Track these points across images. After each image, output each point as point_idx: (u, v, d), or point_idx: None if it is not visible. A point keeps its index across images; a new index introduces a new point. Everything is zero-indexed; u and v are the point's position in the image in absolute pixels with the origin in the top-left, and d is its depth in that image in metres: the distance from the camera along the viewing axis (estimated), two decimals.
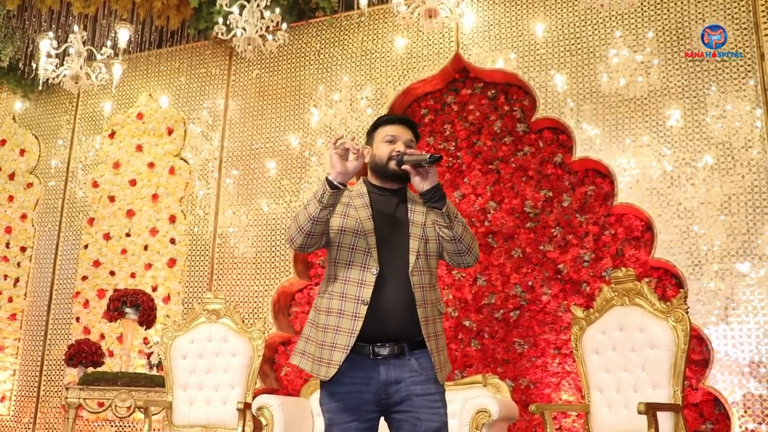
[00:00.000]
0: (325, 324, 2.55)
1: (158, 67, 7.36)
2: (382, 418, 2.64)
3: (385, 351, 2.52)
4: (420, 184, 2.59)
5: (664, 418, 4.19)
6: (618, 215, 5.64)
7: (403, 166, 2.60)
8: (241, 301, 6.40)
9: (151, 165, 7.05)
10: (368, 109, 6.41)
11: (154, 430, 5.42)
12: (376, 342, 2.52)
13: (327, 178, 2.55)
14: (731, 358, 4.98)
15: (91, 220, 7.15)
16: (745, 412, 4.87)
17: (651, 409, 3.92)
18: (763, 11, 5.42)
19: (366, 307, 2.50)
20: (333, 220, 2.62)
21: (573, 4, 5.95)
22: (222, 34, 5.87)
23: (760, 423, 4.83)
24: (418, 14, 5.40)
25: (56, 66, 6.33)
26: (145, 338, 6.53)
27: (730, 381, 4.95)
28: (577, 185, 5.83)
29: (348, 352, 2.49)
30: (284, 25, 6.00)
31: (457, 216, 2.62)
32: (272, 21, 5.79)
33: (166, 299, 6.63)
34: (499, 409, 4.45)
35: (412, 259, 2.58)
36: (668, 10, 5.68)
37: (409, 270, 2.56)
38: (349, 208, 2.67)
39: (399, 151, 2.66)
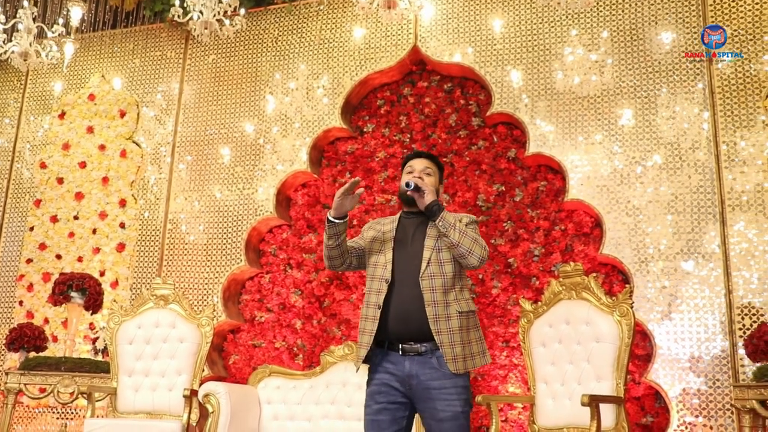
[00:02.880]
0: (361, 327, 3.09)
1: (112, 48, 7.23)
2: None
3: (409, 348, 2.99)
4: (419, 204, 3.09)
5: (607, 411, 4.28)
6: (568, 211, 5.73)
7: (408, 192, 3.08)
8: (190, 288, 6.34)
9: (102, 147, 6.92)
10: (325, 98, 6.39)
11: (97, 416, 5.35)
12: (405, 341, 3.00)
13: (328, 217, 3.08)
14: (673, 353, 5.10)
15: (37, 202, 6.99)
16: (684, 405, 4.99)
17: (594, 402, 3.99)
18: (712, 16, 5.54)
19: (379, 310, 3.01)
20: (367, 245, 3.22)
21: (531, 1, 6.00)
22: (178, 16, 5.78)
23: (697, 416, 4.96)
24: (377, 5, 5.40)
25: (3, 42, 6.17)
26: (91, 323, 6.42)
27: (671, 375, 5.07)
28: (530, 180, 5.90)
29: (368, 347, 3.00)
30: (242, 11, 5.94)
31: (454, 226, 3.02)
32: (230, 6, 5.72)
33: (114, 284, 6.53)
34: None
35: (423, 266, 3.03)
36: (623, 11, 5.78)
37: (420, 275, 3.02)
38: (380, 234, 3.22)
39: (407, 182, 3.10)
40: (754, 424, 4.04)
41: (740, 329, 4.97)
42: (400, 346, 3.00)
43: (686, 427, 4.96)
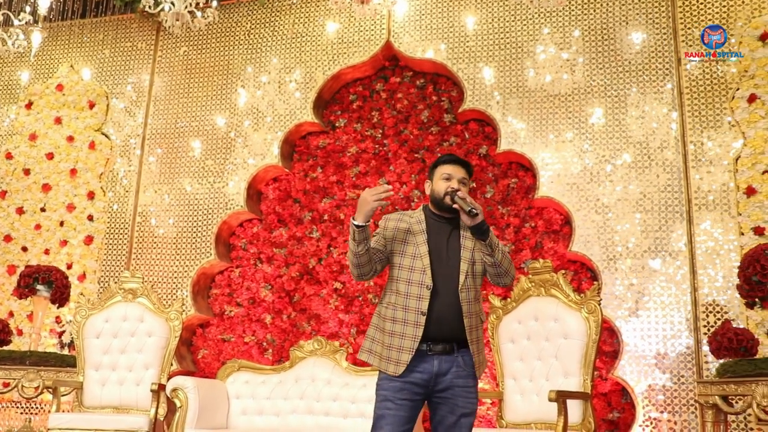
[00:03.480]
0: (391, 330, 3.09)
1: (81, 38, 7.13)
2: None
3: (438, 348, 3.07)
4: (467, 221, 3.08)
5: (574, 406, 4.33)
6: (539, 208, 5.77)
7: (454, 205, 3.09)
8: (159, 282, 6.29)
9: (71, 139, 6.83)
10: (297, 92, 6.37)
11: (62, 411, 5.29)
12: (433, 341, 3.06)
13: (353, 222, 3.02)
14: (639, 350, 5.17)
15: (3, 193, 6.88)
16: (650, 401, 5.06)
17: (561, 397, 4.03)
18: (681, 17, 5.61)
19: (425, 317, 3.04)
20: (395, 245, 3.18)
21: None
22: (149, 7, 5.73)
23: (662, 412, 5.03)
24: (351, 0, 5.39)
25: None
26: (57, 317, 6.35)
27: (638, 372, 5.14)
28: (501, 177, 5.93)
29: (413, 353, 3.04)
30: (214, 2, 5.89)
31: (498, 246, 3.12)
32: None
33: (82, 277, 6.45)
34: None
35: (462, 278, 3.09)
36: (594, 11, 5.83)
37: (459, 287, 3.08)
38: (408, 234, 3.18)
39: (452, 188, 3.14)
40: (717, 419, 4.11)
41: (705, 326, 5.05)
42: (430, 346, 3.07)
43: (651, 423, 5.03)
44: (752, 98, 5.30)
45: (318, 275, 6.12)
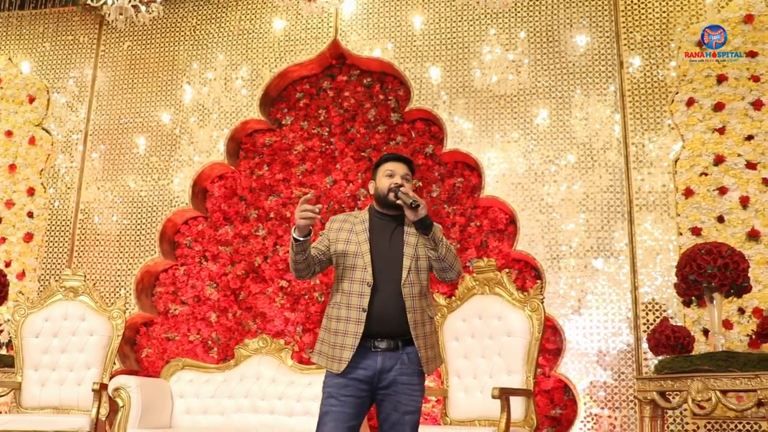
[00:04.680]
0: (335, 329, 3.12)
1: (20, 30, 6.95)
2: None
3: (383, 345, 3.09)
4: (410, 216, 3.10)
5: (517, 403, 4.39)
6: (484, 207, 5.83)
7: (397, 201, 3.11)
8: (102, 280, 6.18)
9: (9, 133, 6.66)
10: (243, 89, 6.32)
11: (0, 413, 5.16)
12: (376, 338, 3.09)
13: (293, 236, 3.05)
14: (582, 347, 5.26)
15: None
16: (591, 398, 5.16)
17: (504, 394, 4.08)
18: (623, 22, 5.73)
19: (365, 313, 3.06)
20: (338, 245, 3.20)
21: None
22: (92, 0, 5.62)
23: (603, 408, 5.13)
24: None
25: None
26: None
27: (580, 369, 5.23)
28: (447, 176, 5.98)
29: (354, 350, 3.06)
30: None
31: (442, 240, 3.14)
32: None
33: (21, 275, 6.30)
34: None
35: (404, 274, 3.12)
36: (539, 13, 5.91)
37: (402, 282, 3.10)
38: (351, 234, 3.22)
39: (396, 184, 3.17)
40: (654, 414, 4.20)
41: (644, 324, 5.17)
42: (372, 342, 3.09)
43: (592, 419, 5.13)
44: (690, 102, 5.44)
45: (264, 273, 6.09)
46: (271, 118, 6.45)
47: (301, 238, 3.04)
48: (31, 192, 6.50)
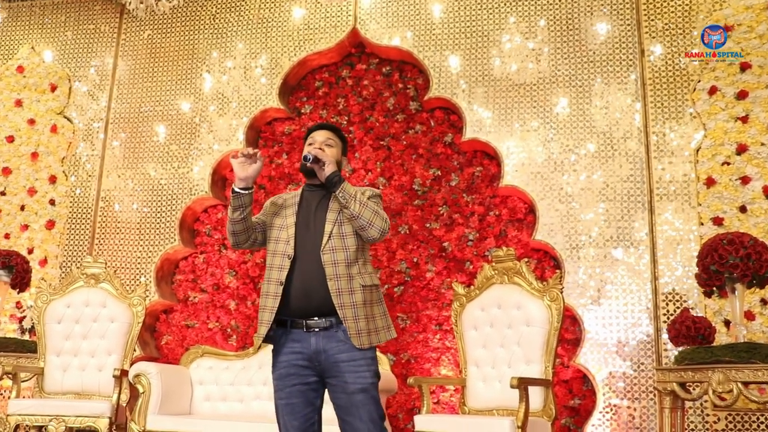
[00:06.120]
0: (262, 305, 2.98)
1: (42, 19, 7.00)
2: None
3: (316, 324, 2.91)
4: (321, 176, 2.99)
5: (535, 393, 4.38)
6: (503, 197, 5.81)
7: (308, 165, 2.98)
8: (122, 267, 6.23)
9: (32, 122, 6.72)
10: (263, 78, 6.33)
11: (23, 397, 5.23)
12: (309, 316, 2.92)
13: (232, 188, 2.97)
14: (601, 337, 5.24)
15: None
16: (610, 388, 5.14)
17: (523, 384, 4.07)
18: (644, 9, 5.67)
19: (281, 287, 2.91)
20: (268, 219, 3.11)
21: None
22: None
23: (622, 399, 5.11)
24: None
25: None
26: (17, 302, 6.26)
27: (599, 359, 5.21)
28: (466, 166, 5.96)
29: (269, 326, 2.92)
30: None
31: (355, 196, 2.95)
32: None
33: (43, 262, 6.37)
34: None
35: (324, 239, 2.95)
36: (559, 1, 5.86)
37: (321, 249, 2.93)
38: (282, 209, 3.12)
39: (309, 151, 3.01)
40: (674, 406, 4.18)
41: (664, 315, 5.14)
42: (305, 323, 2.92)
43: (611, 409, 5.11)
44: (713, 90, 5.38)
45: None
46: (291, 106, 6.46)
47: (239, 189, 2.96)
48: (53, 180, 6.55)
